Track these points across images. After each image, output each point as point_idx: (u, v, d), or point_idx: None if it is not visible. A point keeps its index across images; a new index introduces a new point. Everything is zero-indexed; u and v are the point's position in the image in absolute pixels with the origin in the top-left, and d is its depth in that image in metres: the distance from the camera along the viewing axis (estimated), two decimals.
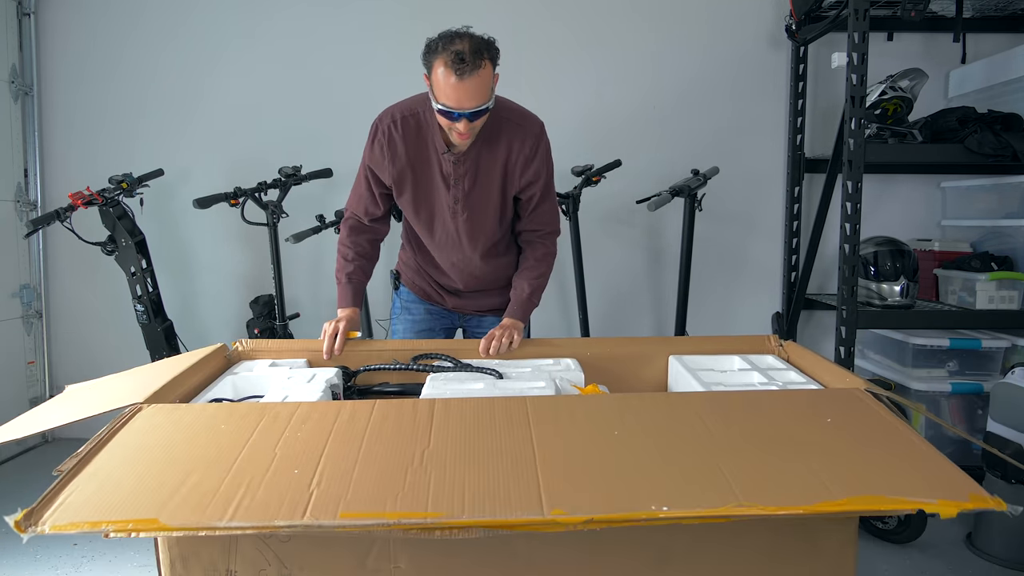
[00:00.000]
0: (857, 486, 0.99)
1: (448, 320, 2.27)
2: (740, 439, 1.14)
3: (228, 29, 3.70)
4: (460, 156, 1.93)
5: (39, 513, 0.96)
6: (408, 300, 2.28)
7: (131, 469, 1.07)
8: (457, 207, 1.98)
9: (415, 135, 1.94)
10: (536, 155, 1.96)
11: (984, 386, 3.00)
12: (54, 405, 1.44)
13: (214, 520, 0.94)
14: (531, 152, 1.95)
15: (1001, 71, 3.31)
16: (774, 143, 3.75)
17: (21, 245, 3.71)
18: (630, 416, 1.24)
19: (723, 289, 3.82)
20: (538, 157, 1.96)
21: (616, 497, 0.98)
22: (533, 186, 2.00)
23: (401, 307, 2.28)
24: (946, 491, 0.97)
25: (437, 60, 1.73)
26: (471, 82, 1.71)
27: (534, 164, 1.96)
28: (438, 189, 1.97)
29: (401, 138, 1.94)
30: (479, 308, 2.24)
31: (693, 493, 0.97)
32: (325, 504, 0.97)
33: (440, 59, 1.72)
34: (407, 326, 2.26)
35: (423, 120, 1.94)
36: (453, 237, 2.05)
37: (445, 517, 0.94)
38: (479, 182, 1.96)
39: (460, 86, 1.71)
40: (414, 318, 2.26)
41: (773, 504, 0.94)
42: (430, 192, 1.99)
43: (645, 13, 3.71)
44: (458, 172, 1.94)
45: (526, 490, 0.99)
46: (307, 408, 1.28)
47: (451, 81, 1.71)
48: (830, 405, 1.29)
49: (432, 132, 1.93)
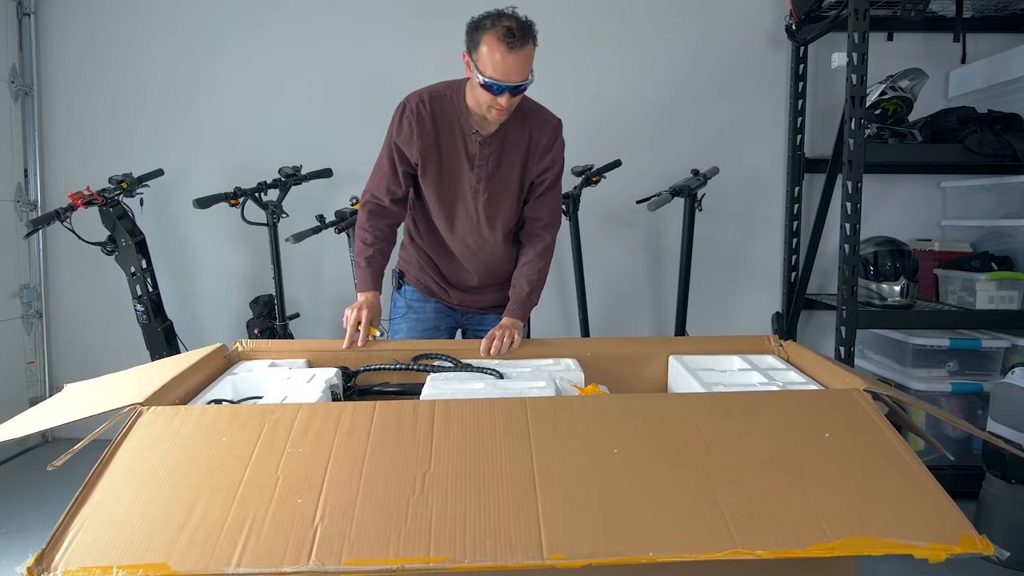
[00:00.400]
0: (851, 522, 1.03)
1: (452, 319, 2.29)
2: (739, 457, 1.16)
3: (228, 29, 3.70)
4: (486, 138, 2.01)
5: (50, 556, 0.98)
6: (413, 299, 2.28)
7: (137, 496, 1.09)
8: (479, 187, 2.05)
9: (443, 114, 2.02)
10: (554, 145, 2.09)
11: (984, 386, 3.00)
12: (53, 404, 1.44)
13: (222, 565, 0.97)
14: (549, 142, 2.07)
15: (1001, 71, 3.31)
16: (774, 143, 3.75)
17: (21, 245, 3.71)
18: (629, 426, 1.24)
19: (723, 289, 3.82)
20: (555, 147, 2.09)
21: (614, 539, 1.01)
22: (547, 172, 2.10)
23: (406, 306, 2.29)
24: (936, 531, 1.02)
25: (487, 35, 1.83)
26: (520, 56, 1.82)
27: (551, 153, 2.09)
28: (463, 169, 2.05)
29: (430, 116, 2.02)
30: (482, 305, 2.26)
31: (690, 538, 1.01)
32: (329, 545, 1.00)
33: (491, 34, 1.82)
34: (412, 324, 2.27)
35: (451, 101, 2.03)
36: (473, 218, 2.10)
37: (447, 563, 0.98)
38: (502, 164, 2.05)
39: (509, 58, 1.82)
40: (419, 316, 2.27)
41: (768, 549, 0.99)
42: (454, 171, 2.05)
43: (645, 13, 3.71)
44: (483, 153, 2.02)
45: (526, 527, 1.02)
46: (307, 414, 1.28)
47: (501, 54, 1.81)
48: (829, 411, 1.30)
49: (459, 113, 2.01)
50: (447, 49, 3.75)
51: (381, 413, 1.28)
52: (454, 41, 3.66)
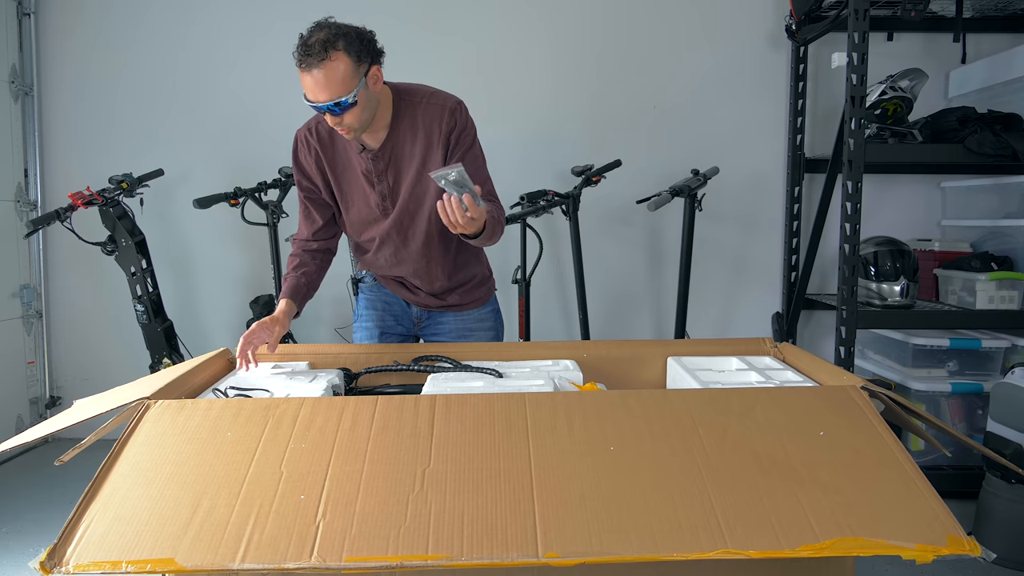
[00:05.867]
0: (841, 523, 1.04)
1: (407, 321, 2.15)
2: (735, 456, 1.17)
3: (228, 28, 3.71)
4: (377, 152, 1.88)
5: (62, 551, 1.00)
6: (373, 294, 2.17)
7: (145, 491, 1.11)
8: (386, 204, 1.94)
9: (329, 139, 1.93)
10: (453, 130, 1.86)
11: (984, 386, 3.00)
12: (63, 417, 1.44)
13: (227, 561, 0.99)
14: (447, 127, 1.86)
15: (1001, 71, 3.31)
16: (774, 143, 3.75)
17: (21, 245, 3.71)
18: (626, 424, 1.25)
19: (723, 289, 3.82)
20: (455, 131, 1.87)
21: (607, 538, 1.02)
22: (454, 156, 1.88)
23: (366, 303, 2.17)
24: (925, 532, 1.03)
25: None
26: (319, 74, 1.69)
27: (452, 137, 1.87)
28: (364, 190, 1.94)
29: (317, 143, 1.93)
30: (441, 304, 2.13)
31: (682, 538, 1.02)
32: (331, 541, 1.02)
33: (296, 49, 1.72)
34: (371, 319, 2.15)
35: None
36: (392, 237, 1.98)
37: (445, 560, 1.00)
38: (403, 174, 1.90)
39: (308, 78, 1.71)
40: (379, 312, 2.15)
41: (758, 549, 1.01)
42: (356, 193, 1.95)
43: (645, 13, 3.71)
44: (378, 168, 1.90)
45: (522, 526, 1.04)
46: (310, 409, 1.29)
47: (302, 73, 1.71)
48: (825, 408, 1.30)
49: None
50: (447, 49, 3.78)
51: (383, 409, 1.29)
52: (454, 41, 3.69)
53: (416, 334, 2.18)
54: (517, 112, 3.72)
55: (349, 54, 1.70)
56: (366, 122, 1.79)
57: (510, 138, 3.70)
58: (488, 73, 3.70)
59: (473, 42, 3.67)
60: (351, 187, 1.95)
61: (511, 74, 3.72)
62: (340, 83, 1.70)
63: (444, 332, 2.13)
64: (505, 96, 3.72)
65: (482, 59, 3.69)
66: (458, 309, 2.12)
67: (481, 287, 2.16)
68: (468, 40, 3.67)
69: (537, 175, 3.63)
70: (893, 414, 1.38)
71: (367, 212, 1.96)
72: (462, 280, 2.10)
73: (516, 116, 3.72)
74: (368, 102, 1.77)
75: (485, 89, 3.68)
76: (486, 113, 3.77)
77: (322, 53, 1.68)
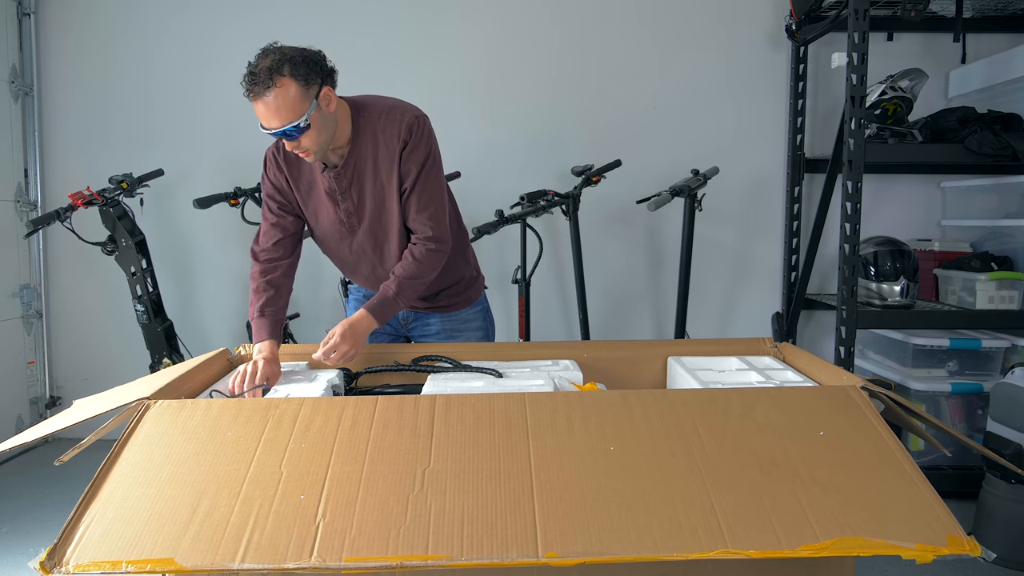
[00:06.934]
0: (841, 523, 1.04)
1: (394, 322, 2.14)
2: (735, 456, 1.17)
3: (227, 29, 3.70)
4: (339, 171, 1.87)
5: (62, 551, 1.01)
6: (361, 295, 2.18)
7: (144, 491, 1.11)
8: (353, 221, 1.93)
9: (296, 160, 1.92)
10: (407, 144, 1.83)
11: (984, 386, 3.00)
12: (62, 416, 1.45)
13: (227, 561, 0.99)
14: (401, 142, 1.83)
15: (1001, 71, 3.31)
16: (774, 143, 3.75)
17: (21, 245, 3.71)
18: (626, 424, 1.24)
19: (723, 289, 3.82)
20: (409, 145, 1.83)
21: (607, 538, 1.02)
22: (406, 179, 1.86)
23: (355, 305, 2.17)
24: (925, 532, 1.03)
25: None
26: (268, 101, 1.68)
27: (405, 152, 1.84)
28: (327, 207, 1.93)
29: (284, 161, 1.92)
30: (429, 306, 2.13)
31: (683, 538, 1.02)
32: (331, 541, 1.02)
33: (243, 78, 1.71)
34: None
35: None
36: (362, 253, 1.98)
37: (445, 560, 0.99)
38: (366, 192, 1.89)
39: (259, 105, 1.69)
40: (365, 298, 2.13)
41: (758, 549, 1.01)
42: (321, 211, 1.95)
43: (645, 13, 3.71)
44: (342, 186, 1.88)
45: (522, 526, 1.04)
46: (310, 408, 1.29)
47: (252, 101, 1.70)
48: (825, 408, 1.30)
49: None
50: (447, 49, 3.79)
51: (383, 408, 1.28)
52: (454, 41, 3.69)
53: (404, 335, 2.18)
54: (518, 112, 3.72)
55: (296, 78, 1.69)
56: (325, 143, 1.78)
57: (510, 138, 3.71)
58: (489, 74, 3.70)
59: (473, 42, 3.67)
60: (317, 205, 1.94)
61: (512, 75, 3.72)
62: (290, 108, 1.69)
63: (431, 333, 2.13)
64: (506, 96, 3.72)
65: (482, 59, 3.69)
66: (446, 310, 2.12)
67: (469, 288, 2.15)
68: (468, 40, 3.66)
69: (537, 175, 3.64)
70: (893, 414, 1.38)
71: (333, 229, 1.96)
72: (449, 283, 2.09)
73: (517, 116, 3.72)
74: (323, 123, 1.75)
75: (486, 89, 3.69)
76: (487, 113, 3.82)
77: (268, 80, 1.67)
